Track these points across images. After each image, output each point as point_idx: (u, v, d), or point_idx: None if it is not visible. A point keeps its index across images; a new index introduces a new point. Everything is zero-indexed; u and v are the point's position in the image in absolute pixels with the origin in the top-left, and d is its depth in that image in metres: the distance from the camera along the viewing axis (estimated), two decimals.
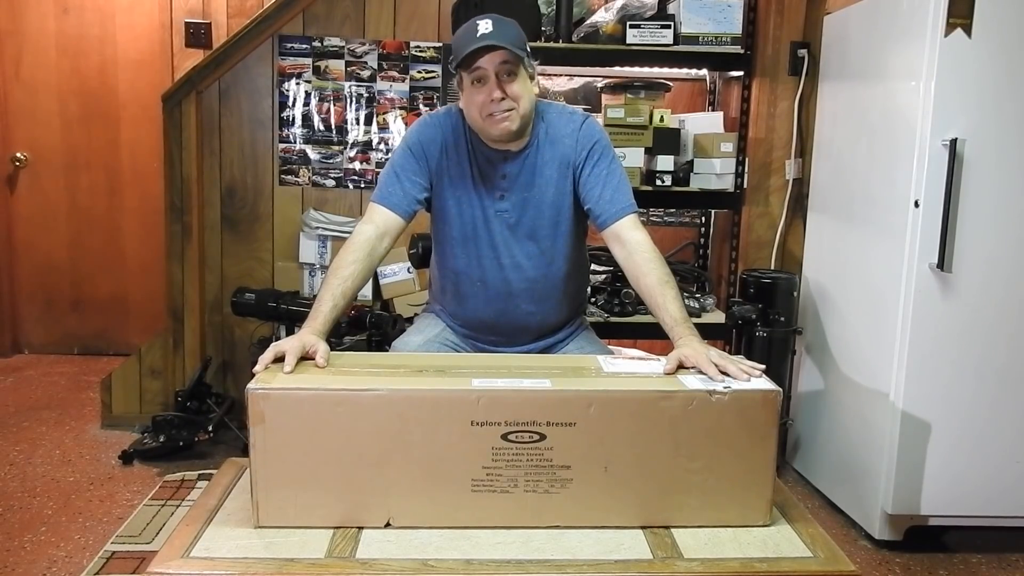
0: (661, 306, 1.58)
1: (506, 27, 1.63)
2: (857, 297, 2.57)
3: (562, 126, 1.74)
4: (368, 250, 1.65)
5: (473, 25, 1.63)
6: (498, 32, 1.60)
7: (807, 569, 1.27)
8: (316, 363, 1.42)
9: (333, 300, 1.57)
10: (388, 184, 1.72)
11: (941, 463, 2.32)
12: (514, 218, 1.73)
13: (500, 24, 1.62)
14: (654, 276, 1.60)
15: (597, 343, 1.91)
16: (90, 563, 2.14)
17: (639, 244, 1.64)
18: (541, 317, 1.82)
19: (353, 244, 1.65)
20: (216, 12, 3.82)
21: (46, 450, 2.95)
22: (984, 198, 2.21)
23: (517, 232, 1.74)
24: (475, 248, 1.76)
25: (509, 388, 1.32)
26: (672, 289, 1.59)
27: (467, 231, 1.75)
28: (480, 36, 1.59)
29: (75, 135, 4.05)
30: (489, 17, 1.63)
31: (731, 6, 2.82)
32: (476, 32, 1.61)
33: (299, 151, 3.17)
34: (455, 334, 1.87)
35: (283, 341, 1.46)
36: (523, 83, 1.65)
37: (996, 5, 2.14)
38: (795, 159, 3.08)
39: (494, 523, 1.33)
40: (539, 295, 1.79)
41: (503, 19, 1.65)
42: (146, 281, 4.06)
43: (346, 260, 1.62)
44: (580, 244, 1.87)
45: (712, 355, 1.44)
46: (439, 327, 1.88)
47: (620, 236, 1.66)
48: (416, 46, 3.13)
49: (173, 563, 1.22)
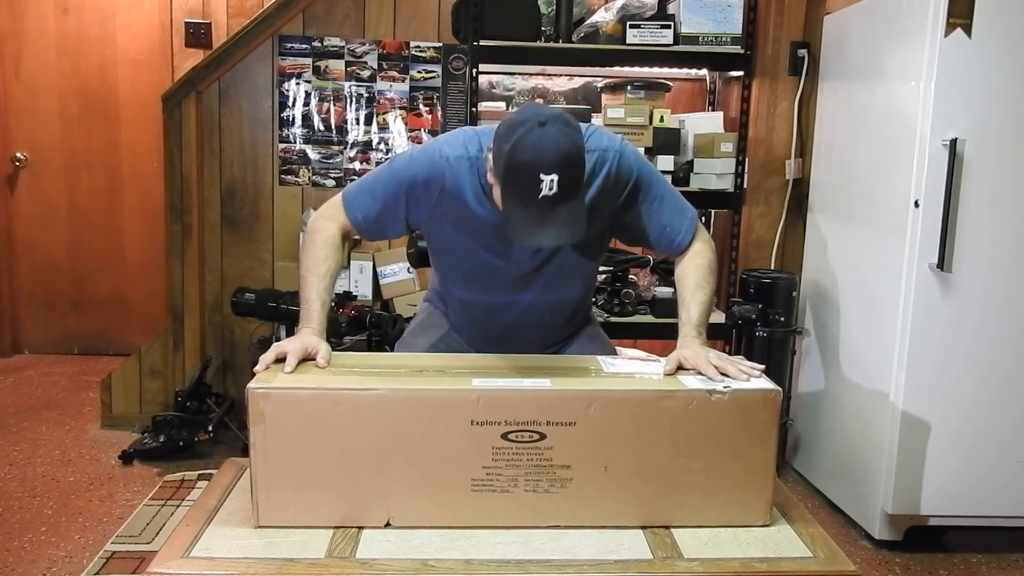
0: (687, 304, 1.57)
1: (574, 179, 1.33)
2: (857, 297, 2.57)
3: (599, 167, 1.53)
4: (335, 246, 1.59)
5: (534, 176, 1.29)
6: (564, 192, 1.30)
7: (807, 569, 1.27)
8: (317, 364, 1.42)
9: (320, 298, 1.54)
10: (362, 196, 1.62)
11: (941, 463, 2.32)
12: (530, 267, 1.61)
13: (567, 179, 1.30)
14: (692, 280, 1.59)
15: (599, 339, 1.87)
16: (90, 563, 2.14)
17: (695, 251, 1.63)
18: (546, 336, 1.77)
19: (320, 240, 1.59)
20: (216, 12, 3.82)
21: (46, 450, 2.95)
22: (984, 198, 2.21)
23: (532, 277, 1.63)
24: (483, 285, 1.64)
25: (509, 388, 1.32)
26: (704, 295, 1.57)
27: (474, 272, 1.63)
28: (542, 200, 1.30)
29: (75, 135, 4.05)
30: (556, 171, 1.29)
31: (731, 6, 2.82)
32: (537, 192, 1.29)
33: (299, 151, 3.17)
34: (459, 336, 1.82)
35: (285, 342, 1.45)
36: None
37: (996, 5, 2.14)
38: (795, 159, 3.07)
39: (494, 523, 1.33)
40: (547, 321, 1.72)
41: (569, 162, 1.32)
42: (146, 281, 4.06)
43: (319, 256, 1.57)
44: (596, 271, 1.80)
45: (712, 357, 1.44)
46: (442, 329, 1.82)
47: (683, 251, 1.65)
48: (416, 46, 3.13)
49: (173, 563, 1.22)
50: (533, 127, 1.31)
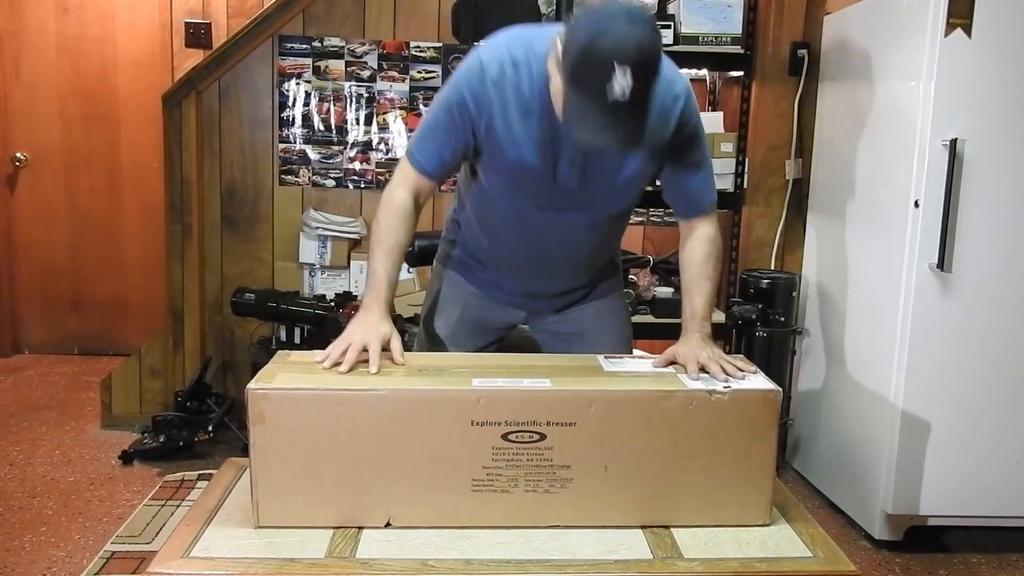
0: (691, 296, 1.58)
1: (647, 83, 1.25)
2: (857, 297, 2.57)
3: (666, 98, 1.47)
4: (406, 215, 1.58)
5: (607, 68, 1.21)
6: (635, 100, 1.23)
7: (807, 569, 1.27)
8: (395, 361, 1.42)
9: (388, 275, 1.53)
10: (426, 142, 1.58)
11: (941, 463, 2.32)
12: (576, 184, 1.56)
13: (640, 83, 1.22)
14: (699, 268, 1.59)
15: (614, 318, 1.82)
16: (90, 563, 2.15)
17: (702, 236, 1.61)
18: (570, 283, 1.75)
19: (388, 212, 1.57)
20: (216, 12, 3.82)
21: (46, 450, 2.95)
22: (984, 198, 2.21)
23: (574, 198, 1.59)
24: (523, 208, 1.61)
25: (509, 388, 1.32)
26: (709, 285, 1.58)
27: (518, 186, 1.58)
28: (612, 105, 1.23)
29: (75, 135, 4.05)
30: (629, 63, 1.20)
31: (731, 6, 2.82)
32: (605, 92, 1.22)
33: (299, 151, 3.17)
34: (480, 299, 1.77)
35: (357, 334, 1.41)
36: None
37: (996, 5, 2.14)
38: (795, 159, 3.07)
39: (494, 523, 1.33)
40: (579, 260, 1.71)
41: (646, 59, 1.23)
42: (146, 281, 4.06)
43: (390, 225, 1.56)
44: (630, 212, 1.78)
45: (702, 355, 1.43)
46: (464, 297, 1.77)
47: (692, 226, 1.63)
48: (416, 46, 3.13)
49: (173, 563, 1.22)
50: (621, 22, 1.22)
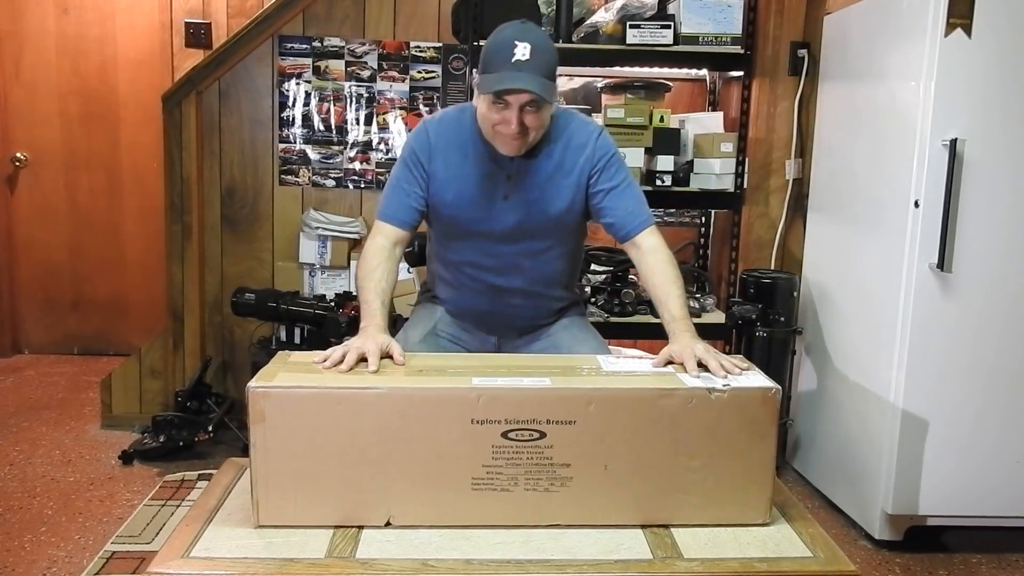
0: (664, 303, 1.63)
1: (543, 57, 1.55)
2: (857, 297, 2.57)
3: (581, 136, 1.74)
4: (386, 255, 1.70)
5: (509, 44, 1.54)
6: (534, 63, 1.53)
7: (807, 569, 1.27)
8: (396, 361, 1.46)
9: (380, 298, 1.63)
10: (391, 200, 1.75)
11: (941, 463, 2.32)
12: (515, 219, 1.73)
13: (537, 54, 1.54)
14: (662, 276, 1.66)
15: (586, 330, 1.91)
16: (90, 563, 2.14)
17: (653, 248, 1.70)
18: (531, 314, 1.86)
19: (371, 253, 1.70)
20: (216, 12, 3.82)
21: (46, 450, 2.95)
22: (984, 198, 2.21)
23: (517, 233, 1.75)
24: (472, 244, 1.77)
25: (509, 386, 1.32)
26: (677, 288, 1.64)
27: (465, 228, 1.76)
28: (515, 63, 1.53)
29: (75, 135, 4.05)
30: (528, 41, 1.54)
31: (731, 6, 2.82)
32: (511, 57, 1.53)
33: (299, 151, 3.17)
34: (451, 322, 1.89)
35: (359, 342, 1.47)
36: (544, 114, 1.62)
37: (996, 5, 2.14)
38: (795, 159, 3.08)
39: (494, 522, 1.33)
40: (531, 293, 1.82)
41: (541, 43, 1.57)
42: (146, 281, 4.06)
43: (371, 265, 1.67)
44: (579, 246, 1.91)
45: (699, 351, 1.45)
46: (435, 316, 1.90)
47: (638, 244, 1.72)
48: (416, 46, 3.14)
49: (173, 563, 1.22)
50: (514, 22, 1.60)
